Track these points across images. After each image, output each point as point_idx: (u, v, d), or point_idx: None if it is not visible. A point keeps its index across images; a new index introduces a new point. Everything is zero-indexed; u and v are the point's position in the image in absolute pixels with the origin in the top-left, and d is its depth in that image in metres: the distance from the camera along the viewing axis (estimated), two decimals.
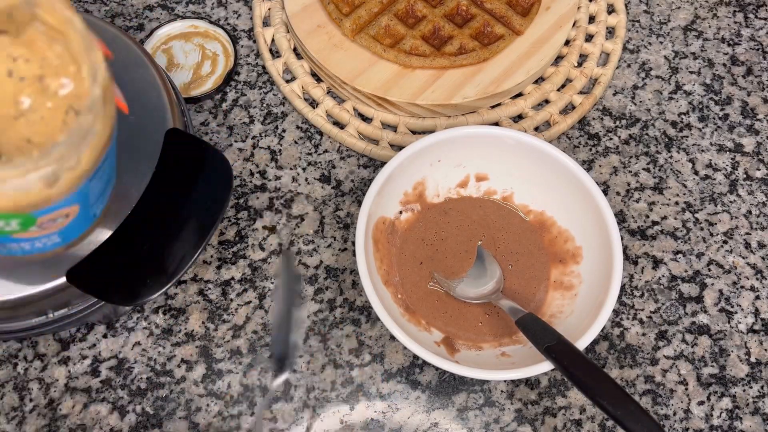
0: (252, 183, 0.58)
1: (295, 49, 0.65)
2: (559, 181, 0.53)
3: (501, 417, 0.50)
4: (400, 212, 0.55)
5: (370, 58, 0.61)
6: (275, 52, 0.65)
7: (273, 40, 0.65)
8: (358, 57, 0.61)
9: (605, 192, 0.59)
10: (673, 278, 0.56)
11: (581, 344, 0.46)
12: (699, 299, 0.55)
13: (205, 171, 0.48)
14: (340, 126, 0.61)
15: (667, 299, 0.55)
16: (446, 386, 0.51)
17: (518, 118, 0.62)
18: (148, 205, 0.45)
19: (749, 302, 0.55)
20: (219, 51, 0.64)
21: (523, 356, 0.48)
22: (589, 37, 0.66)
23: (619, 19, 0.67)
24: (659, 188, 0.59)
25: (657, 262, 0.56)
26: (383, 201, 0.52)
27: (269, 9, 0.66)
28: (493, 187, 0.56)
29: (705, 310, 0.55)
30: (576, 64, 0.65)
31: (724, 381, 0.52)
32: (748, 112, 0.64)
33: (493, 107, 0.61)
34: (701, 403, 0.51)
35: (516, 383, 0.51)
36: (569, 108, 0.63)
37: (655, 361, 0.52)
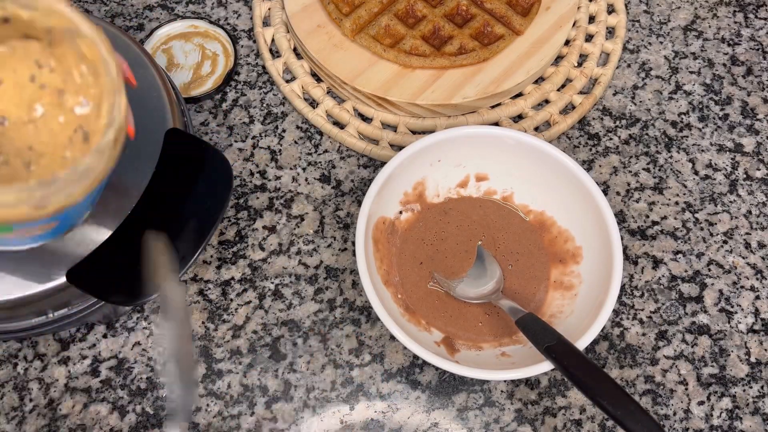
0: (252, 183, 0.58)
1: (295, 49, 0.65)
2: (559, 181, 0.53)
3: (501, 417, 0.50)
4: (400, 212, 0.55)
5: (370, 58, 0.61)
6: (275, 52, 0.65)
7: (273, 40, 0.65)
8: (358, 57, 0.61)
9: (605, 192, 0.59)
10: (673, 278, 0.56)
11: (581, 344, 0.46)
12: (699, 299, 0.55)
13: (205, 171, 0.48)
14: (340, 126, 0.61)
15: (667, 299, 0.55)
16: (446, 386, 0.51)
17: (518, 118, 0.62)
18: (148, 205, 0.45)
19: (749, 302, 0.55)
20: (219, 51, 0.64)
21: (523, 356, 0.48)
22: (589, 37, 0.66)
23: (619, 19, 0.67)
24: (659, 188, 0.59)
25: (657, 262, 0.56)
26: (383, 201, 0.52)
27: (269, 9, 0.66)
28: (493, 187, 0.56)
29: (705, 310, 0.55)
30: (576, 64, 0.65)
31: (724, 381, 0.52)
32: (748, 112, 0.64)
33: (493, 107, 0.61)
34: (701, 403, 0.51)
35: (516, 383, 0.51)
36: (569, 108, 0.63)
37: (655, 361, 0.52)
